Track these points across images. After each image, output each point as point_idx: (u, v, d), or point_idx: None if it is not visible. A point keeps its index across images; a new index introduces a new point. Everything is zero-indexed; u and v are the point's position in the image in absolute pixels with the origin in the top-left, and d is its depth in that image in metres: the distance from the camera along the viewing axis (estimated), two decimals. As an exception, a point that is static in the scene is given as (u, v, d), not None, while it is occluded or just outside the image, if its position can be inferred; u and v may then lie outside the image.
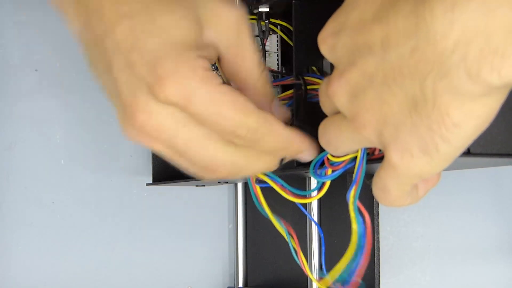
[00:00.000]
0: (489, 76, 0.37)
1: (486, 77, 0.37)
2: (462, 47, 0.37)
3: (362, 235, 0.51)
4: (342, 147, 0.46)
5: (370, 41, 0.41)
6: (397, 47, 0.39)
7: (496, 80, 0.37)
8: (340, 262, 0.54)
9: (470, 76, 0.37)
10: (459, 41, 0.37)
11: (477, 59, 0.37)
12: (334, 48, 0.43)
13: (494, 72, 0.36)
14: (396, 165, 0.42)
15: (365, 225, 0.51)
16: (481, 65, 0.37)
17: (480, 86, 0.37)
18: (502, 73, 0.36)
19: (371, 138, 0.43)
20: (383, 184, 0.44)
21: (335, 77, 0.43)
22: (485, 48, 0.36)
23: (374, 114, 0.42)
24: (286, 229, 0.58)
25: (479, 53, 0.36)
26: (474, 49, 0.36)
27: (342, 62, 0.43)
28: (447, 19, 0.37)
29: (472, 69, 0.37)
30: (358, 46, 0.41)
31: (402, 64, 0.39)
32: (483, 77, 0.37)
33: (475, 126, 0.39)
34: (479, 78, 0.37)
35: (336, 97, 0.43)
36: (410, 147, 0.41)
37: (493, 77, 0.37)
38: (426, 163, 0.41)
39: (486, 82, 0.37)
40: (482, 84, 0.37)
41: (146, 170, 0.77)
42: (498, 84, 0.37)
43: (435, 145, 0.40)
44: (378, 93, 0.41)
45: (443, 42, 0.37)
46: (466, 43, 0.37)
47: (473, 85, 0.37)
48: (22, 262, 0.74)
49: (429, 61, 0.38)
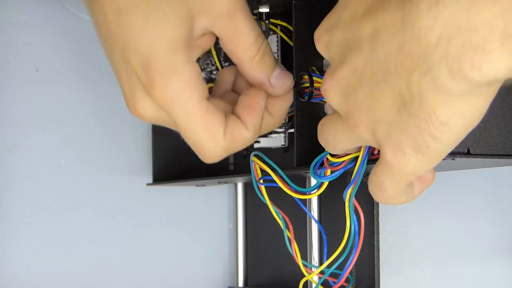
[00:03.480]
0: (470, 73, 0.36)
1: (467, 74, 0.36)
2: (445, 42, 0.36)
3: (356, 233, 0.52)
4: (340, 145, 0.46)
5: (360, 38, 0.40)
6: (384, 43, 0.39)
7: (477, 77, 0.36)
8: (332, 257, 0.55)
9: (451, 73, 0.37)
10: (442, 36, 0.36)
11: (458, 55, 0.36)
12: (328, 45, 0.44)
13: (475, 69, 0.36)
14: (390, 163, 0.42)
15: (359, 223, 0.52)
16: (462, 62, 0.36)
17: (463, 84, 0.37)
18: (483, 70, 0.36)
19: (365, 137, 0.43)
20: (379, 181, 0.44)
21: (327, 76, 0.43)
22: (466, 44, 0.36)
23: (366, 113, 0.42)
24: (282, 218, 0.58)
25: (460, 49, 0.36)
26: (456, 44, 0.36)
27: (335, 60, 0.43)
28: (432, 13, 0.36)
29: (453, 65, 0.36)
30: (349, 43, 0.42)
31: (389, 61, 0.39)
32: (464, 74, 0.36)
33: (463, 124, 0.39)
34: (460, 75, 0.36)
35: (329, 96, 0.43)
36: (402, 145, 0.41)
37: (474, 74, 0.36)
38: (418, 161, 0.41)
39: (467, 79, 0.36)
40: (464, 81, 0.36)
41: (146, 170, 0.77)
42: (480, 81, 0.36)
43: (425, 143, 0.40)
44: (369, 91, 0.41)
45: (427, 36, 0.37)
46: (448, 38, 0.36)
47: (455, 83, 0.37)
48: (22, 262, 0.74)
49: (414, 57, 0.38)
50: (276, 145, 0.62)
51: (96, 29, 0.51)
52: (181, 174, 0.74)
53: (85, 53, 0.76)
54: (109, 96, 0.76)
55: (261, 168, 0.56)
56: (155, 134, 0.73)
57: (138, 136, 0.77)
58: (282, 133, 0.62)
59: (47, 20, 0.75)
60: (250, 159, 0.56)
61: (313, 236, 0.66)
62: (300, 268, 0.59)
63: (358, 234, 0.51)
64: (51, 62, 0.75)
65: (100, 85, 0.76)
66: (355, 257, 0.52)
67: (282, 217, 0.58)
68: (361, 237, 0.52)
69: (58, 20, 0.75)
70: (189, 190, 0.79)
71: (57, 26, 0.75)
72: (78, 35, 0.75)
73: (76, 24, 0.75)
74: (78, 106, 0.76)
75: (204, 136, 0.50)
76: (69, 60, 0.76)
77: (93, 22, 0.51)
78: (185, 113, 0.49)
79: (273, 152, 0.63)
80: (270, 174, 0.55)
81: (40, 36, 0.75)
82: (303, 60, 0.57)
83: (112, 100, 0.76)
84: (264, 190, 0.57)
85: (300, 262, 0.59)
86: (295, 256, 0.58)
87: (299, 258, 0.59)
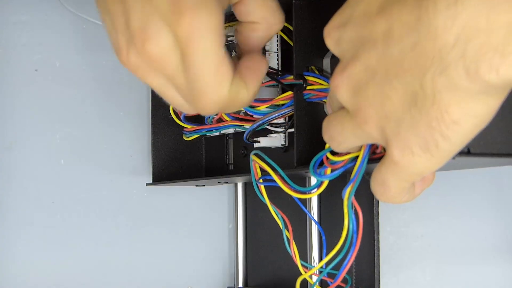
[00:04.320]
0: (488, 74, 0.36)
1: (484, 75, 0.36)
2: (462, 43, 0.36)
3: (354, 232, 0.51)
4: (345, 142, 0.46)
5: (374, 34, 0.40)
6: (399, 40, 0.39)
7: (495, 78, 0.36)
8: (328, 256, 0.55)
9: (468, 73, 0.37)
10: (460, 36, 0.36)
11: (476, 56, 0.36)
12: (339, 41, 0.43)
13: (492, 70, 0.36)
14: (397, 162, 0.42)
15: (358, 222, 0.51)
16: (480, 63, 0.36)
17: (479, 84, 0.37)
18: (501, 72, 0.36)
19: (373, 134, 0.43)
20: (383, 179, 0.44)
21: (338, 71, 0.43)
22: (484, 45, 0.36)
23: (376, 109, 0.42)
24: (281, 217, 0.58)
25: (478, 50, 0.36)
26: (474, 45, 0.36)
27: (346, 56, 0.43)
28: (450, 13, 0.36)
29: (471, 66, 0.37)
30: (362, 40, 0.41)
31: (403, 58, 0.39)
32: (481, 75, 0.36)
33: (474, 124, 0.39)
34: (477, 76, 0.37)
35: (338, 92, 0.43)
36: (411, 145, 0.41)
37: (491, 76, 0.36)
38: (426, 161, 0.41)
39: (484, 80, 0.37)
40: (480, 82, 0.37)
41: (146, 170, 0.77)
42: (497, 83, 0.37)
43: (435, 143, 0.40)
44: (380, 88, 0.41)
45: (444, 36, 0.37)
46: (466, 39, 0.36)
47: (472, 83, 0.37)
48: (22, 262, 0.74)
49: (429, 56, 0.38)
50: (276, 144, 0.62)
51: None
52: (181, 174, 0.74)
53: (85, 53, 0.76)
54: (109, 96, 0.76)
55: (261, 167, 0.56)
56: (155, 134, 0.73)
57: (138, 136, 0.77)
58: (282, 133, 0.62)
59: (47, 20, 0.75)
60: (250, 159, 0.57)
61: (313, 236, 0.66)
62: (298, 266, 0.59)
63: (356, 233, 0.51)
64: (51, 62, 0.75)
65: (100, 85, 0.76)
66: (352, 256, 0.52)
67: (281, 217, 0.58)
68: (359, 236, 0.51)
69: (58, 20, 0.75)
70: (189, 190, 0.79)
71: (57, 26, 0.75)
72: (78, 35, 0.75)
73: (76, 24, 0.75)
74: (78, 106, 0.76)
75: (213, 81, 0.48)
76: (69, 60, 0.76)
77: None
78: (204, 51, 0.46)
79: (273, 152, 0.63)
80: (270, 173, 0.55)
81: (40, 36, 0.75)
82: (303, 60, 0.57)
83: (112, 100, 0.76)
84: (264, 190, 0.57)
85: (299, 262, 0.59)
86: (294, 256, 0.58)
87: (297, 258, 0.59)
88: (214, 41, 0.46)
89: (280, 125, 0.61)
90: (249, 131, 0.62)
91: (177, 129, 0.72)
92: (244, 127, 0.63)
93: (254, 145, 0.62)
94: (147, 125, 0.76)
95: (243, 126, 0.63)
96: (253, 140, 0.62)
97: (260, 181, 0.57)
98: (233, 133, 0.69)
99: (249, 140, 0.62)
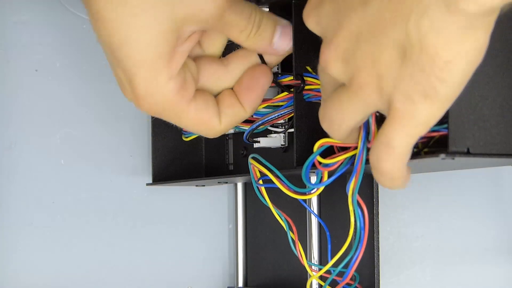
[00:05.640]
0: (467, 4, 0.37)
1: (464, 5, 0.37)
2: None
3: (361, 229, 0.51)
4: (346, 120, 0.45)
5: (349, 0, 0.41)
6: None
7: (474, 7, 0.36)
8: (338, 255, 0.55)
9: (449, 8, 0.37)
10: None
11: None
12: (319, 19, 0.44)
13: (470, 0, 0.36)
14: (401, 114, 0.41)
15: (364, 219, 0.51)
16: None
17: (461, 17, 0.37)
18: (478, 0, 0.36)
19: (372, 97, 0.42)
20: (388, 139, 0.43)
21: (325, 47, 0.43)
22: None
23: (369, 71, 0.41)
24: (285, 220, 0.58)
25: None
26: None
27: (329, 31, 0.43)
28: None
29: (450, 1, 0.37)
30: (340, 10, 0.42)
31: (383, 12, 0.39)
32: (461, 6, 0.37)
33: (467, 61, 0.39)
34: (458, 9, 0.37)
35: (329, 66, 0.43)
36: (411, 94, 0.41)
37: (470, 5, 0.36)
38: (429, 107, 0.41)
39: (465, 11, 0.37)
40: (461, 14, 0.37)
41: (146, 170, 0.77)
42: (478, 11, 0.37)
43: (433, 87, 0.40)
44: (368, 49, 0.41)
45: None
46: None
47: (454, 17, 0.37)
48: (22, 262, 0.74)
49: (407, 3, 0.38)
50: (276, 145, 0.62)
51: None
52: (181, 174, 0.74)
53: (85, 53, 0.76)
54: (109, 96, 0.76)
55: (259, 170, 0.56)
56: (155, 134, 0.73)
57: (138, 136, 0.77)
58: (281, 133, 0.62)
59: (47, 20, 0.75)
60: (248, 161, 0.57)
61: (313, 235, 0.66)
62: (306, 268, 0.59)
63: (363, 230, 0.51)
64: (51, 62, 0.75)
65: (100, 85, 0.76)
66: (360, 253, 0.51)
67: (285, 219, 0.58)
68: (366, 233, 0.51)
69: (58, 20, 0.75)
70: (189, 190, 0.79)
71: (57, 26, 0.75)
72: (78, 35, 0.75)
73: (76, 24, 0.75)
74: (78, 106, 0.76)
75: (201, 128, 0.53)
76: (69, 60, 0.75)
77: None
78: (176, 117, 0.52)
79: (272, 152, 0.63)
80: (269, 176, 0.55)
81: (40, 36, 0.75)
82: (302, 60, 0.57)
83: (112, 100, 0.76)
84: (265, 192, 0.57)
85: (306, 263, 0.58)
86: (300, 257, 0.58)
87: (304, 259, 0.58)
88: (180, 107, 0.52)
89: (280, 125, 0.61)
90: (248, 131, 0.62)
91: (177, 129, 0.72)
92: (244, 128, 0.63)
93: (254, 145, 0.62)
94: (147, 125, 0.76)
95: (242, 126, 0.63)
96: (253, 140, 0.62)
97: (260, 182, 0.57)
98: (233, 133, 0.69)
99: (249, 140, 0.62)
